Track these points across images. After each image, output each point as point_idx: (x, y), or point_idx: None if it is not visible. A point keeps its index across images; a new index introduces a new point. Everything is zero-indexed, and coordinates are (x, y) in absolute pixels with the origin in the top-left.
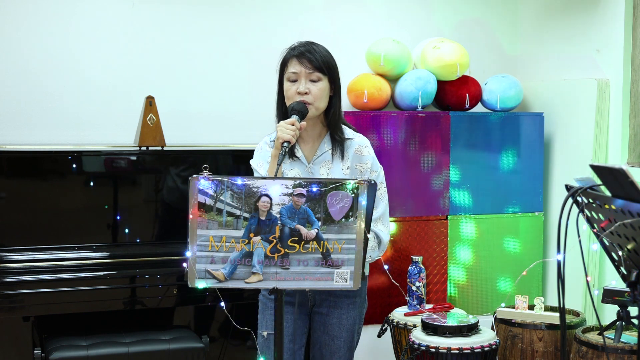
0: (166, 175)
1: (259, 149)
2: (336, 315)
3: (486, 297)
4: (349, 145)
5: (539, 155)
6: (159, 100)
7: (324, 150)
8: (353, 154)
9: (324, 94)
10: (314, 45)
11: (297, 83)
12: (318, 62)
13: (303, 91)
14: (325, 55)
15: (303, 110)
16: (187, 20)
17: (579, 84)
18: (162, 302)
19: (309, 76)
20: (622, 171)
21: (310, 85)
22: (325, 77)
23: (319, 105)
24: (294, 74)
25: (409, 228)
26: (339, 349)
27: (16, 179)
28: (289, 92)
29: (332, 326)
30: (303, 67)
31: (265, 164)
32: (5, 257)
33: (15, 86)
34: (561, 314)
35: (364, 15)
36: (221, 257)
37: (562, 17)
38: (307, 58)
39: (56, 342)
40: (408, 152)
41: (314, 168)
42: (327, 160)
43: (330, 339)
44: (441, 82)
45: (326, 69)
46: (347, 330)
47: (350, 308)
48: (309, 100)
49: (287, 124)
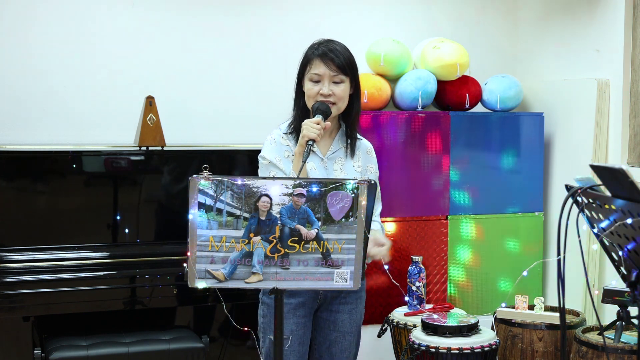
0: (166, 175)
1: (272, 142)
2: (347, 311)
3: (486, 297)
4: (360, 145)
5: (539, 155)
6: (159, 100)
7: (338, 147)
8: (365, 154)
9: (346, 95)
10: (335, 44)
11: (320, 84)
12: (342, 63)
13: (327, 93)
14: (348, 55)
15: (327, 110)
16: (187, 20)
17: (579, 84)
18: (162, 302)
19: (333, 78)
20: (622, 171)
21: (334, 87)
22: (347, 78)
23: (341, 106)
24: (317, 75)
25: (409, 228)
26: (349, 345)
27: (16, 179)
28: (311, 91)
29: (343, 322)
30: (328, 69)
31: (283, 159)
32: (5, 257)
33: (16, 86)
34: (561, 314)
35: (364, 15)
36: (221, 257)
37: (562, 17)
38: (330, 59)
39: (56, 342)
40: (408, 152)
41: (328, 163)
42: (340, 157)
43: (342, 336)
44: (441, 82)
45: (349, 70)
46: (357, 325)
47: (359, 302)
48: (332, 101)
49: (313, 122)
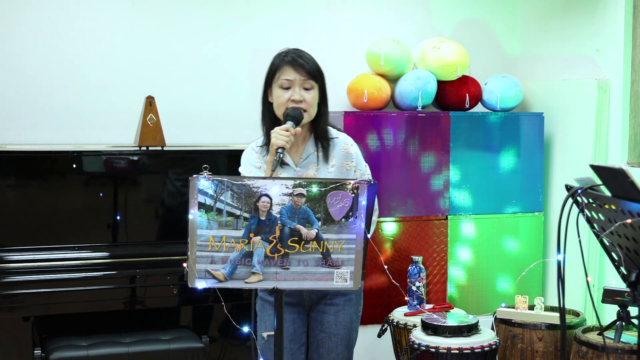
0: (166, 175)
1: (246, 155)
2: (332, 313)
3: (486, 297)
4: (334, 144)
5: (539, 155)
6: (159, 100)
7: (310, 153)
8: (339, 152)
9: (315, 102)
10: (302, 52)
11: (291, 90)
12: (312, 69)
13: (298, 99)
14: (315, 63)
15: (299, 116)
16: (187, 20)
17: (579, 84)
18: (162, 302)
19: (303, 84)
20: (622, 171)
21: (304, 93)
22: (316, 85)
23: (312, 112)
24: (288, 81)
25: (409, 228)
26: (336, 347)
27: (16, 179)
28: (282, 99)
29: (329, 324)
30: (298, 74)
31: (254, 169)
32: (5, 257)
33: (15, 86)
34: (561, 314)
35: (364, 15)
36: (221, 257)
37: (562, 17)
38: (300, 65)
39: (56, 342)
40: (408, 152)
41: (302, 171)
42: (313, 162)
43: (328, 337)
44: (441, 82)
45: (318, 77)
46: (344, 327)
47: (347, 305)
48: (304, 107)
49: (282, 130)
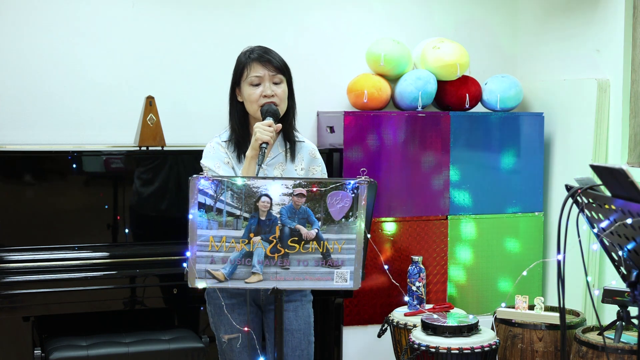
0: (166, 175)
1: (211, 149)
2: (292, 309)
3: (486, 297)
4: (301, 147)
5: (539, 155)
6: (159, 100)
7: (278, 152)
8: (307, 155)
9: (286, 95)
10: (268, 49)
11: (262, 86)
12: (279, 64)
13: (270, 94)
14: (282, 58)
15: (276, 112)
16: (187, 20)
17: (579, 84)
18: (162, 302)
19: (272, 78)
20: (622, 171)
21: (275, 87)
22: (285, 80)
23: (283, 107)
24: (258, 78)
25: (409, 228)
26: (299, 343)
27: (16, 179)
28: (253, 95)
29: (289, 320)
30: (266, 69)
31: (222, 164)
32: (5, 257)
33: (16, 86)
34: (561, 314)
35: (364, 15)
36: (221, 257)
37: (562, 17)
38: (267, 60)
39: (56, 342)
40: (408, 152)
41: (268, 169)
42: (280, 162)
43: (290, 334)
44: (441, 82)
45: (286, 71)
46: (305, 322)
47: (305, 300)
48: (276, 102)
49: (265, 125)
